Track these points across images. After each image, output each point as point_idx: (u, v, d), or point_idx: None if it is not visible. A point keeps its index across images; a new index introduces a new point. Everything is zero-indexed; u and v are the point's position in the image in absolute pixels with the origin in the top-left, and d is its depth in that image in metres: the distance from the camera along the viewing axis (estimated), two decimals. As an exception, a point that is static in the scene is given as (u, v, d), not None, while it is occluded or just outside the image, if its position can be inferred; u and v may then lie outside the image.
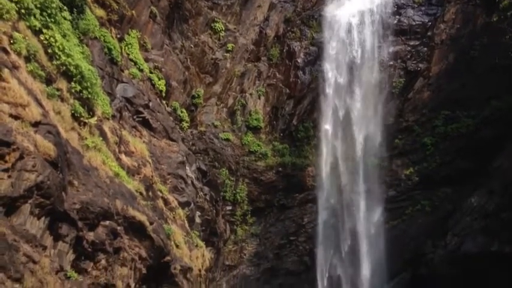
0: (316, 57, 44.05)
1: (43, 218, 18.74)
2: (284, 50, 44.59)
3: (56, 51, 21.66)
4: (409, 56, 42.94)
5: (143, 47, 35.30)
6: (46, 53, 21.41)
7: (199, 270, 32.24)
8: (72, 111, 22.43)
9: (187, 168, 35.38)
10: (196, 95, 41.52)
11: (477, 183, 32.60)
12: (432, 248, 32.70)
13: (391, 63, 43.16)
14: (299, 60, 44.13)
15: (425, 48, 42.76)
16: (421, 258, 33.06)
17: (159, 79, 35.96)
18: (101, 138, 24.37)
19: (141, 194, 26.94)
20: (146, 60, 35.12)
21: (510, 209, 29.04)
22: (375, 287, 36.65)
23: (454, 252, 31.20)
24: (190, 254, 31.12)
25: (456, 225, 32.04)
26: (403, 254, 36.16)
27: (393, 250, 36.28)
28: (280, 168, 43.27)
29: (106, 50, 28.96)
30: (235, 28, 43.79)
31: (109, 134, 25.41)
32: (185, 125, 40.33)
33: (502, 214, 29.43)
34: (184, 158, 35.11)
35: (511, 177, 29.65)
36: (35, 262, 17.82)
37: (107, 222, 22.18)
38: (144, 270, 25.00)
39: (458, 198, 34.61)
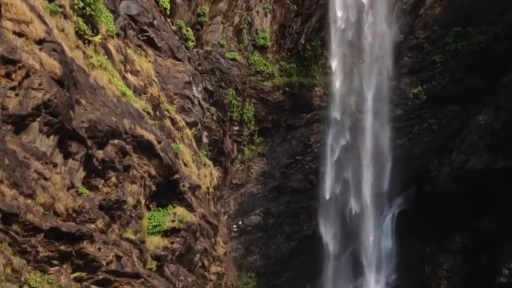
0: (325, -30, 42.42)
1: (52, 136, 18.97)
2: (292, -37, 42.94)
3: (56, -35, 21.02)
4: (421, -30, 41.38)
5: (144, -40, 34.11)
6: (46, -33, 20.80)
7: (208, 188, 32.89)
8: (76, 29, 22.12)
9: (193, 88, 35.21)
10: (202, 13, 40.58)
11: (485, 100, 32.41)
12: (437, 165, 32.99)
13: (402, -23, 41.71)
14: (307, -27, 42.66)
15: (438, -39, 41.10)
16: (426, 175, 33.48)
17: (163, -5, 35.06)
18: (106, 57, 24.16)
19: (148, 113, 27.02)
20: (149, -25, 34.08)
21: (517, 127, 29.12)
22: (380, 204, 37.38)
23: (458, 170, 31.48)
24: (199, 172, 31.62)
25: (462, 143, 32.14)
26: (409, 172, 36.55)
27: (399, 168, 36.68)
28: (287, 88, 43.00)
29: (106, -37, 28.00)
30: None
31: (114, 53, 25.15)
32: (191, 44, 39.71)
33: (509, 131, 29.42)
34: (191, 78, 34.85)
35: (520, 95, 29.48)
36: (46, 179, 18.21)
37: (116, 141, 22.43)
38: (153, 188, 25.56)
39: (465, 116, 34.51)
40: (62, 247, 18.30)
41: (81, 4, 22.18)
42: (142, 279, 21.31)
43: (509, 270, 27.29)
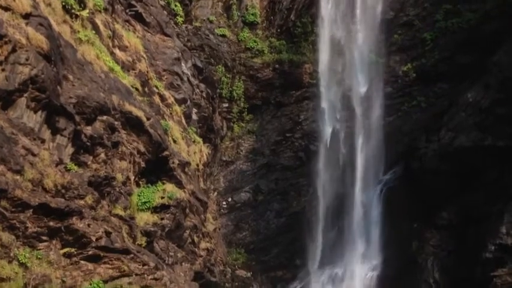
0: None
1: (40, 112, 18.84)
2: None
3: None
4: None
5: None
6: None
7: (197, 165, 32.95)
8: (63, 3, 21.85)
9: (182, 64, 34.99)
10: (190, -13, 40.16)
11: (475, 78, 32.46)
12: (425, 143, 33.09)
13: (394, -49, 41.19)
14: None
15: None
16: (414, 153, 33.66)
17: (151, -30, 34.51)
18: (94, 32, 23.91)
19: (137, 89, 26.89)
20: None
21: (505, 104, 29.10)
22: (370, 180, 37.61)
23: (446, 147, 31.65)
24: (188, 149, 31.64)
25: (451, 121, 32.20)
26: (397, 150, 36.73)
27: (388, 145, 36.85)
28: (277, 65, 42.83)
29: None
30: None
31: (102, 28, 24.87)
32: (179, 19, 39.32)
33: (497, 109, 29.49)
34: (180, 54, 34.62)
35: (508, 72, 29.45)
36: (34, 155, 18.14)
37: (104, 117, 22.35)
38: (143, 164, 25.56)
39: (455, 94, 34.57)
40: (51, 223, 18.34)
41: (68, -22, 21.87)
42: (132, 255, 21.43)
43: (495, 246, 27.66)
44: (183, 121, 32.98)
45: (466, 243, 29.91)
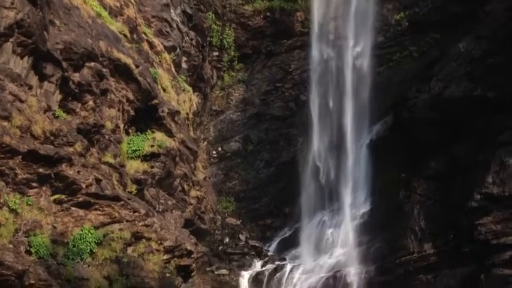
0: None
1: (26, 58, 18.59)
2: None
3: None
4: None
5: None
6: None
7: (187, 114, 32.87)
8: None
9: (172, 11, 34.35)
10: None
11: (467, 28, 32.12)
12: (416, 93, 32.96)
13: None
14: None
15: None
16: (404, 102, 33.63)
17: None
18: (80, -25, 23.24)
19: (125, 36, 26.48)
20: None
21: (497, 55, 28.84)
22: (359, 131, 37.66)
23: (436, 97, 31.58)
24: (178, 97, 31.47)
25: (441, 71, 31.97)
26: (387, 100, 36.66)
27: (378, 96, 36.74)
28: (268, 13, 42.19)
29: None
30: None
31: (88, -29, 24.20)
32: (168, -36, 38.24)
33: (488, 60, 29.24)
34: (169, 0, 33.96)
35: (501, 22, 29.11)
36: (22, 101, 17.98)
37: (92, 64, 22.10)
38: (132, 112, 25.46)
39: (446, 44, 34.26)
40: (41, 170, 18.37)
41: None
42: (122, 202, 21.61)
43: (480, 195, 27.98)
44: (173, 69, 32.65)
45: (452, 192, 30.26)
